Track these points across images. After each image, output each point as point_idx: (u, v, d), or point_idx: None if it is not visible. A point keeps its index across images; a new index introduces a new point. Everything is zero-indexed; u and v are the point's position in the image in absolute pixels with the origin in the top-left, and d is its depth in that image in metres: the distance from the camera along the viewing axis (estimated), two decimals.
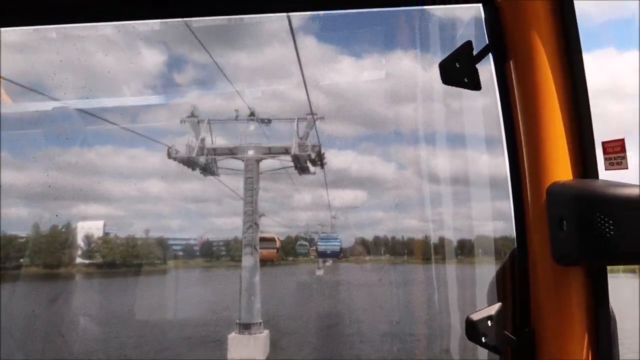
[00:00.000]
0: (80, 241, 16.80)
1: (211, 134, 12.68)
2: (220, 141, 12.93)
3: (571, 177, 1.21)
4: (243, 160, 12.73)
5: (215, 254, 20.30)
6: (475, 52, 1.31)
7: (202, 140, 12.55)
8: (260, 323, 11.60)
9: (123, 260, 17.56)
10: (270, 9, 1.61)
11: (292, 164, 13.09)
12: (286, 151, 12.83)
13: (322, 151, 12.83)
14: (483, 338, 1.26)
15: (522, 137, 1.28)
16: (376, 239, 17.96)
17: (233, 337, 11.22)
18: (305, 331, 12.93)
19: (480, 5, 1.36)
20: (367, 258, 17.39)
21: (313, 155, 12.67)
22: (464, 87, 1.32)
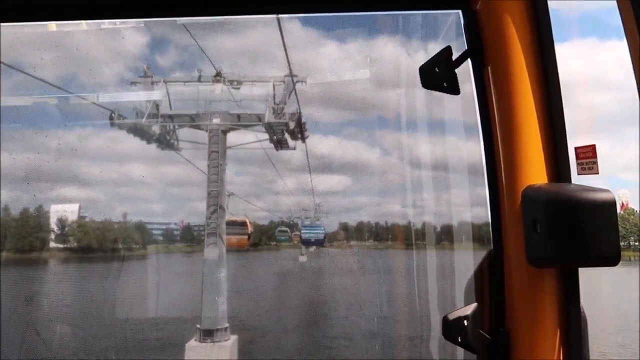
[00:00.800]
0: (53, 225, 16.36)
1: (169, 98, 10.59)
2: (179, 107, 10.91)
3: (545, 181, 1.26)
4: (206, 131, 10.78)
5: (196, 239, 19.73)
6: (455, 57, 1.35)
7: (156, 104, 10.46)
8: (226, 328, 9.74)
9: (99, 245, 17.25)
10: (259, 11, 1.64)
11: (267, 136, 11.17)
12: (259, 119, 10.78)
13: (303, 120, 10.61)
14: (459, 337, 1.32)
15: (499, 141, 1.34)
16: (360, 225, 17.84)
17: (192, 345, 9.55)
18: (283, 332, 11.41)
19: (459, 11, 1.40)
20: (352, 243, 17.33)
21: (292, 125, 10.61)
22: (443, 92, 1.37)
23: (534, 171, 1.27)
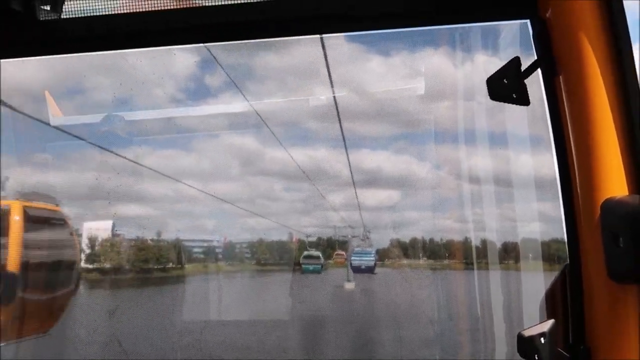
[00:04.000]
0: (83, 245, 16.88)
1: None
2: None
3: (626, 193, 1.33)
4: None
5: (238, 257, 17.87)
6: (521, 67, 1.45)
7: None
8: None
9: (131, 265, 17.71)
10: (301, 31, 1.82)
11: None
12: None
13: None
14: (536, 355, 1.39)
15: (574, 153, 1.42)
16: (414, 242, 17.27)
17: None
18: None
19: (527, 20, 1.50)
20: (405, 262, 16.88)
21: None
22: (512, 103, 1.47)
23: (614, 183, 1.34)
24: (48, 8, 1.79)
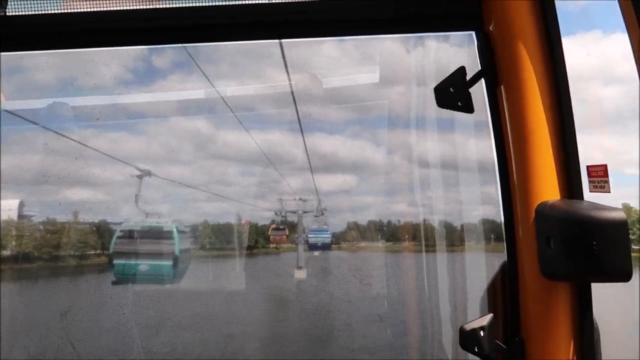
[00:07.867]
0: None
1: None
2: None
3: (558, 198, 1.61)
4: None
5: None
6: (467, 76, 1.69)
7: None
8: None
9: (39, 252, 17.18)
10: (260, 36, 2.01)
11: None
12: None
13: None
14: (476, 347, 1.69)
15: (512, 158, 1.70)
16: (369, 225, 17.71)
17: None
18: None
19: (473, 32, 1.73)
20: (363, 244, 17.33)
21: None
22: (458, 110, 1.71)
23: (547, 188, 1.62)
24: None
